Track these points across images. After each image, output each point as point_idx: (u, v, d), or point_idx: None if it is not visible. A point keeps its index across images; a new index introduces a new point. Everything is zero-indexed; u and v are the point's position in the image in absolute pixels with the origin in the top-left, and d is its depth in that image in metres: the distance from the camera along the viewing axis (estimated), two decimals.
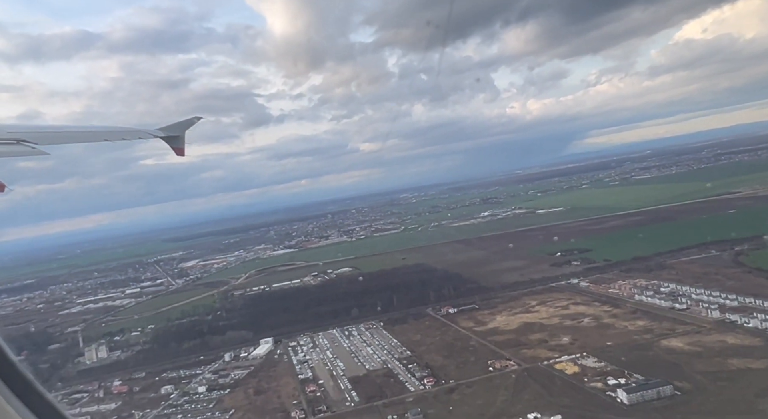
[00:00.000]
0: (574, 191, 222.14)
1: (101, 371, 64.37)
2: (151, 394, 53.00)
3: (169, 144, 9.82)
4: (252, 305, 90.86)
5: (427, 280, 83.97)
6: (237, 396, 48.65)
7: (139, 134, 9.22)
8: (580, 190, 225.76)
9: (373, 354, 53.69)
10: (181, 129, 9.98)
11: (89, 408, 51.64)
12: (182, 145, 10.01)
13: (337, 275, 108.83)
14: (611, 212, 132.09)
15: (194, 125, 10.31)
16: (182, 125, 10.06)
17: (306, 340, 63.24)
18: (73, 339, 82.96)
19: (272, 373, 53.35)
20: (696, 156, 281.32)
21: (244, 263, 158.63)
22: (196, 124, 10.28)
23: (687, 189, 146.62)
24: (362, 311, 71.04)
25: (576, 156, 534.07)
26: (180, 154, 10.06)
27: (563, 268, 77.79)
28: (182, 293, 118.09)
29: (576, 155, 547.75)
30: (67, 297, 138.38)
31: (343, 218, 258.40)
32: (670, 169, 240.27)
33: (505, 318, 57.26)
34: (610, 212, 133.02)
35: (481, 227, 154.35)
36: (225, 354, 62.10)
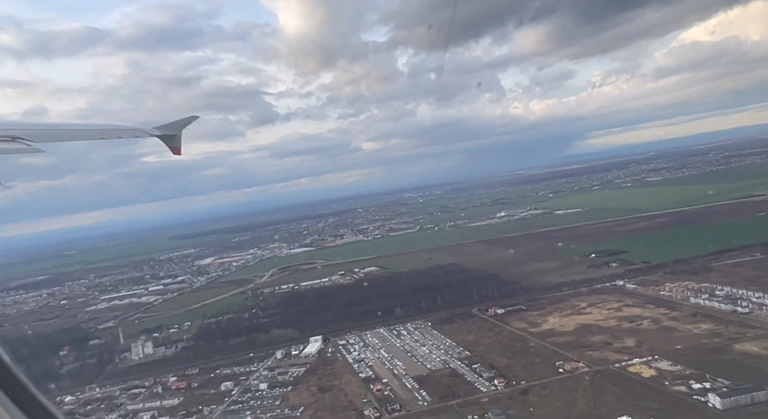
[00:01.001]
0: (587, 193, 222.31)
1: (151, 367, 64.70)
2: (211, 390, 53.39)
3: (165, 143, 9.76)
4: (287, 303, 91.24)
5: (463, 280, 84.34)
6: (301, 393, 49.06)
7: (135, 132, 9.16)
8: (592, 191, 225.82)
9: (430, 354, 54.11)
10: (177, 128, 9.93)
11: (152, 403, 52.01)
12: (179, 144, 9.96)
13: (366, 275, 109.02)
14: (633, 214, 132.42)
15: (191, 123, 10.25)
16: (179, 124, 10.02)
17: (355, 339, 63.65)
18: (112, 335, 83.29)
19: (330, 371, 53.78)
20: (703, 158, 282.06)
21: (262, 261, 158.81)
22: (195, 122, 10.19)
23: (705, 191, 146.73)
24: (406, 311, 71.45)
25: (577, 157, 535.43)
26: (176, 153, 9.99)
27: (602, 270, 78.14)
28: (208, 291, 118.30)
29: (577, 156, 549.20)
30: (88, 294, 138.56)
31: (352, 218, 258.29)
32: (680, 171, 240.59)
33: (558, 320, 57.67)
34: (632, 213, 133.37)
35: (500, 227, 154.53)
36: (275, 352, 62.44)
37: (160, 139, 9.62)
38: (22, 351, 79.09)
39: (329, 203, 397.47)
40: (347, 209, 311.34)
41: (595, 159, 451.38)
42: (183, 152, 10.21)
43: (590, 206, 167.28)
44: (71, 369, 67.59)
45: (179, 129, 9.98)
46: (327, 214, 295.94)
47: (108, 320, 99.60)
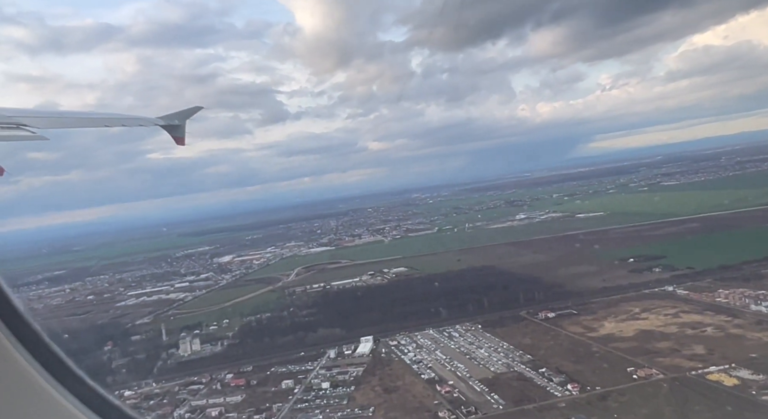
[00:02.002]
0: (603, 196, 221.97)
1: (201, 363, 64.93)
2: (272, 388, 53.64)
3: (169, 133, 9.69)
4: (324, 302, 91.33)
5: (503, 283, 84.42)
6: (366, 393, 49.33)
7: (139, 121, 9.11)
8: (608, 195, 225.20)
9: (489, 357, 54.29)
10: (182, 118, 9.86)
11: (215, 399, 52.31)
12: (183, 134, 9.87)
13: (397, 275, 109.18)
14: (659, 219, 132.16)
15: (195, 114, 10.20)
16: (183, 114, 9.94)
17: (406, 340, 63.84)
18: (154, 331, 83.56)
19: (390, 372, 54.02)
20: (715, 163, 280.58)
21: (283, 259, 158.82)
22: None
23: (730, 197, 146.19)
24: (451, 313, 71.61)
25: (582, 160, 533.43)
26: (180, 143, 9.92)
27: (645, 275, 78.07)
28: (237, 289, 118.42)
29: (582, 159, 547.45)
30: (112, 289, 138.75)
31: (364, 217, 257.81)
32: (695, 176, 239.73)
33: (614, 325, 57.73)
34: (658, 218, 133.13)
35: (523, 230, 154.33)
36: (327, 351, 62.71)
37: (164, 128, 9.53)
38: (69, 345, 79.74)
39: (335, 202, 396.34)
40: (355, 208, 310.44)
41: (601, 162, 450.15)
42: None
43: (611, 209, 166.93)
44: (122, 363, 67.86)
45: (183, 119, 9.88)
46: (336, 213, 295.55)
47: (142, 316, 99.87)
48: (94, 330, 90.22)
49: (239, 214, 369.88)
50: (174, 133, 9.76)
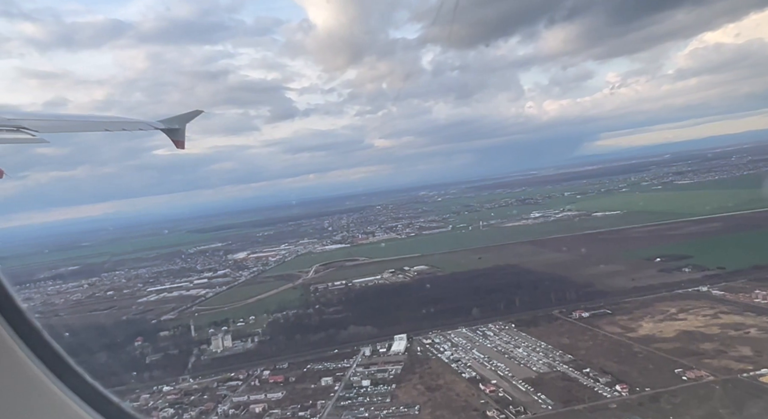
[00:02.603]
0: (616, 195, 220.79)
1: (234, 360, 65.16)
2: (311, 385, 53.80)
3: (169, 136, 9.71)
4: (349, 300, 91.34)
5: (530, 282, 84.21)
6: (409, 391, 49.41)
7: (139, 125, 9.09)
8: (621, 194, 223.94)
9: (529, 356, 54.22)
10: (182, 122, 9.89)
11: (256, 395, 52.53)
12: (182, 138, 9.89)
13: (418, 273, 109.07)
14: (679, 218, 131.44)
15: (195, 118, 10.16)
16: (183, 118, 9.99)
17: (440, 338, 63.84)
18: (182, 327, 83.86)
19: (429, 370, 54.05)
20: (727, 162, 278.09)
21: (298, 257, 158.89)
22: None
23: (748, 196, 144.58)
24: (482, 312, 71.50)
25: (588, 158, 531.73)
26: (180, 147, 9.92)
27: (675, 275, 77.68)
28: (257, 286, 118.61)
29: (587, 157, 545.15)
30: (130, 285, 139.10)
31: (374, 215, 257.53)
32: (708, 174, 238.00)
33: (653, 325, 57.47)
34: (677, 217, 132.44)
35: (540, 228, 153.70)
36: (360, 349, 62.90)
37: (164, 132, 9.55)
38: (100, 340, 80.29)
39: (341, 199, 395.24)
40: (363, 206, 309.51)
41: (608, 160, 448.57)
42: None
43: (628, 208, 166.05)
44: (155, 359, 68.26)
45: (183, 123, 9.92)
46: (344, 210, 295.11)
47: (166, 312, 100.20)
48: (121, 325, 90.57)
49: (245, 210, 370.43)
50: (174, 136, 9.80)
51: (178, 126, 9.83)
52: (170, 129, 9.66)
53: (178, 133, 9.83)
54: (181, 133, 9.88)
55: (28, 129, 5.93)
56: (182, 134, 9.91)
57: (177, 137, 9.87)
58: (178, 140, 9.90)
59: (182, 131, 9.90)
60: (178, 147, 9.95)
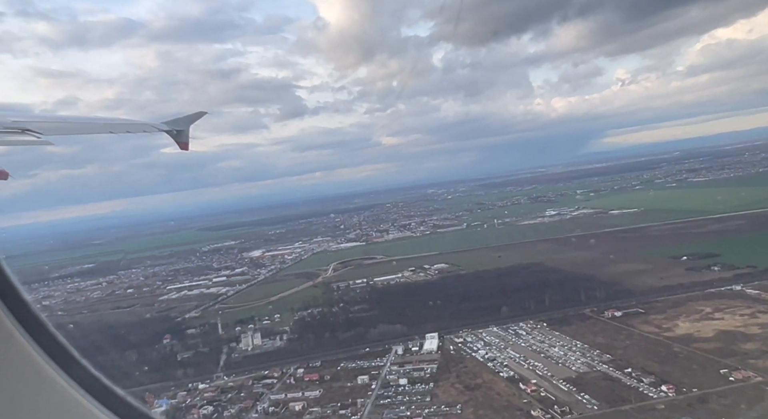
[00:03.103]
0: (630, 193, 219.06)
1: (267, 358, 65.40)
2: (348, 384, 54.01)
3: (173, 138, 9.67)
4: (373, 298, 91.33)
5: (556, 281, 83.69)
6: (447, 390, 49.40)
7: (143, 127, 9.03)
8: (635, 191, 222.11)
9: (565, 356, 54.03)
10: (186, 123, 9.85)
11: (293, 393, 52.80)
12: (186, 139, 9.86)
13: (439, 272, 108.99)
14: (699, 216, 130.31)
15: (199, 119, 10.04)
16: (187, 120, 9.96)
17: (472, 337, 63.79)
18: (208, 325, 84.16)
19: (465, 369, 54.00)
20: (739, 159, 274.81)
21: (314, 255, 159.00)
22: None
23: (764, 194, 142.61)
24: (511, 310, 71.31)
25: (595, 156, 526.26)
26: (184, 148, 9.88)
27: (705, 273, 77.04)
28: (277, 284, 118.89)
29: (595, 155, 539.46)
30: (149, 283, 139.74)
31: (385, 213, 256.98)
32: (722, 172, 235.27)
33: (689, 325, 57.04)
34: (697, 215, 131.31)
35: (557, 226, 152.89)
36: (392, 348, 62.95)
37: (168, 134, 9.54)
38: (128, 338, 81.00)
39: (349, 197, 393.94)
40: (373, 204, 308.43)
41: (617, 158, 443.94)
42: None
43: (645, 206, 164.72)
44: (186, 357, 68.69)
45: (187, 124, 9.91)
46: (354, 209, 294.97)
47: (189, 310, 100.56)
48: (147, 323, 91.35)
49: (252, 209, 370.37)
50: (178, 138, 9.79)
51: (182, 128, 9.81)
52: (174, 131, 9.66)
53: (182, 134, 9.82)
54: (185, 134, 9.87)
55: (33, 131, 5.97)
56: (186, 136, 9.90)
57: (181, 139, 9.86)
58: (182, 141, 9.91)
59: (186, 133, 9.88)
60: (182, 148, 9.94)
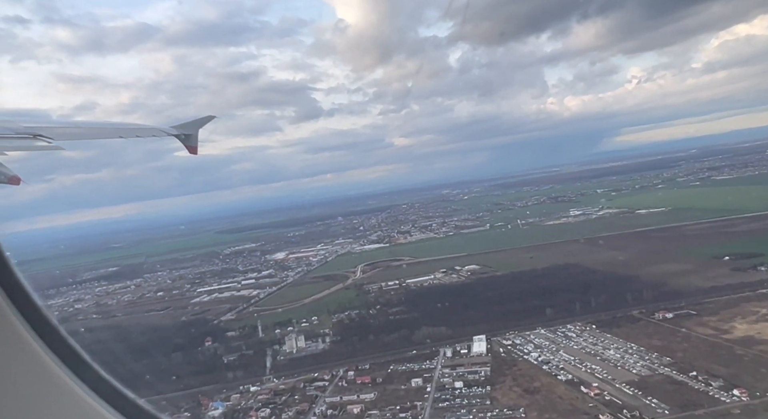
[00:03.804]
0: (652, 191, 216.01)
1: (313, 360, 65.32)
2: (401, 386, 53.86)
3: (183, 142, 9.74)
4: (409, 300, 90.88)
5: (596, 282, 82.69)
6: (506, 393, 48.98)
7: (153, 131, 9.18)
8: (658, 190, 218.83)
9: (623, 359, 53.26)
10: (194, 128, 9.94)
11: (348, 396, 52.76)
12: (195, 143, 9.92)
13: (471, 273, 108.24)
14: (732, 215, 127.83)
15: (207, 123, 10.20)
16: (196, 124, 10.06)
17: (520, 340, 63.26)
18: (248, 327, 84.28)
19: (519, 372, 53.50)
20: (762, 156, 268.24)
21: (339, 257, 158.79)
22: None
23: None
24: (556, 312, 70.58)
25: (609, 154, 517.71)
26: (193, 152, 9.95)
27: (751, 273, 75.54)
28: (307, 286, 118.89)
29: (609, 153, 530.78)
30: (177, 286, 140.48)
31: (404, 214, 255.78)
32: (746, 169, 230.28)
33: (747, 326, 55.91)
34: (730, 214, 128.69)
35: (584, 226, 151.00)
36: (440, 350, 62.70)
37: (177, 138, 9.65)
38: (170, 340, 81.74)
39: (362, 198, 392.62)
40: (388, 205, 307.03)
41: (631, 156, 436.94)
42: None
43: (672, 205, 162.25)
44: (231, 359, 69.13)
45: (196, 129, 10.01)
46: (370, 210, 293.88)
47: (223, 312, 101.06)
48: (184, 326, 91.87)
49: (265, 211, 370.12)
50: (187, 142, 9.89)
51: (191, 132, 9.92)
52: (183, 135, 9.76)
53: (191, 138, 9.93)
54: (194, 138, 9.96)
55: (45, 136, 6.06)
56: (195, 140, 9.99)
57: (190, 143, 9.95)
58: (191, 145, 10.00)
59: (195, 137, 9.98)
60: (191, 153, 10.08)
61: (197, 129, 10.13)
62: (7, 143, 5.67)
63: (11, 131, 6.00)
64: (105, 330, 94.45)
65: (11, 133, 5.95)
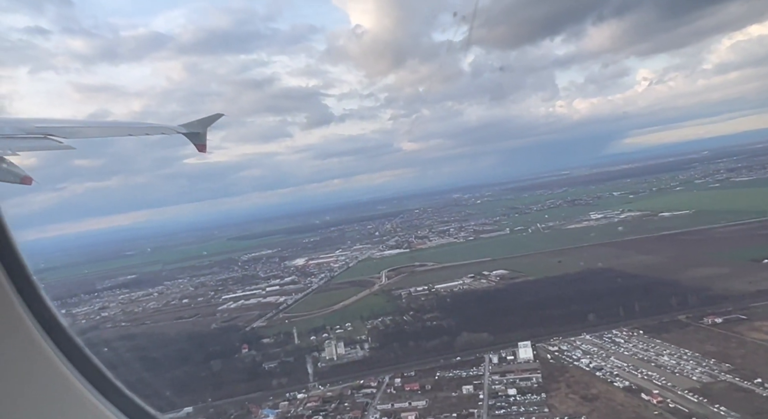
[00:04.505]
0: (672, 194, 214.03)
1: (356, 367, 64.87)
2: (452, 393, 53.30)
3: (191, 141, 9.73)
4: (442, 306, 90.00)
5: (634, 286, 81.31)
6: (563, 401, 48.19)
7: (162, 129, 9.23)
8: (677, 192, 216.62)
9: (679, 365, 52.28)
10: (203, 126, 9.93)
11: (400, 404, 52.24)
12: (204, 141, 9.93)
13: (501, 278, 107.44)
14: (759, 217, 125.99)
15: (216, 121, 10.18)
16: (205, 122, 10.05)
17: (566, 345, 62.45)
18: (283, 334, 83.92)
19: (573, 379, 52.67)
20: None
21: (360, 262, 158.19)
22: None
23: None
24: (599, 318, 69.67)
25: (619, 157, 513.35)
26: (202, 150, 9.98)
27: None
28: (334, 293, 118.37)
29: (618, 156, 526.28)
30: (200, 293, 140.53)
31: (417, 219, 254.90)
32: (766, 171, 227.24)
33: None
34: (759, 216, 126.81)
35: (607, 230, 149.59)
36: (484, 356, 62.07)
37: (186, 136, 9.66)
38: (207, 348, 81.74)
39: (372, 204, 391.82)
40: (400, 210, 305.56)
41: (642, 159, 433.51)
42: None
43: (695, 208, 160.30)
44: (272, 366, 68.94)
45: (205, 127, 10.02)
46: (382, 215, 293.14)
47: (253, 319, 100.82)
48: (217, 333, 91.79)
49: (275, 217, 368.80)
50: (196, 140, 9.91)
51: (200, 130, 9.94)
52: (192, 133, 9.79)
53: (199, 137, 9.94)
54: (202, 137, 9.99)
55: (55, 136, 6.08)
56: (204, 138, 10.03)
57: (199, 141, 9.99)
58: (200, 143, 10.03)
59: (203, 135, 10.01)
60: (200, 151, 10.10)
61: (206, 127, 10.15)
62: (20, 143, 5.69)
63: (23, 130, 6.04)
64: (137, 337, 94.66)
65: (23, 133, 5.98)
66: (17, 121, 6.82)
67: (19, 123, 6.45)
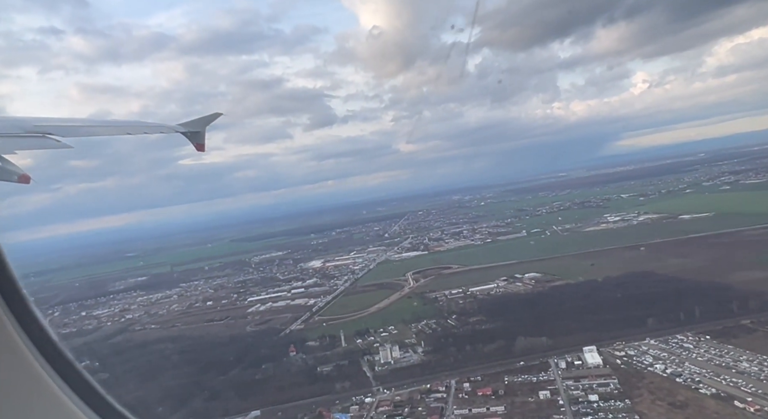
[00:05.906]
0: (683, 196, 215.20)
1: (417, 370, 63.60)
2: (528, 398, 52.31)
3: (189, 139, 9.70)
4: (485, 310, 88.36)
5: (684, 290, 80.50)
6: (652, 408, 47.13)
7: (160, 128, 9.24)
8: (688, 195, 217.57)
9: (762, 372, 51.51)
10: (201, 125, 9.92)
11: (477, 409, 50.87)
12: (202, 140, 9.92)
13: (536, 281, 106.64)
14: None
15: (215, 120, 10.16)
16: (203, 121, 10.04)
17: (633, 350, 61.54)
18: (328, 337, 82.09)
19: (653, 385, 51.75)
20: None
21: (380, 264, 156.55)
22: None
23: None
24: (659, 322, 68.88)
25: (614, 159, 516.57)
26: (200, 149, 9.96)
27: None
28: (363, 295, 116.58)
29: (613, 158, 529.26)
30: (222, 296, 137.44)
31: (424, 221, 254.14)
32: None
33: None
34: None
35: (630, 232, 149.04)
36: (550, 361, 61.03)
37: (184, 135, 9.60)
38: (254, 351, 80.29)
39: (369, 205, 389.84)
40: (401, 212, 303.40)
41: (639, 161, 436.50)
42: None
43: (715, 210, 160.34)
44: (328, 370, 67.49)
45: (203, 126, 9.98)
46: (383, 217, 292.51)
47: (289, 322, 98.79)
48: (257, 335, 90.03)
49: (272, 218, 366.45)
50: (194, 139, 9.86)
51: (198, 129, 9.87)
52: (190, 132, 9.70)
53: (198, 136, 9.86)
54: (201, 136, 9.91)
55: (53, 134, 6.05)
56: (202, 137, 9.95)
57: (197, 140, 9.91)
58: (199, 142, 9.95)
59: (202, 134, 9.93)
60: (199, 150, 10.03)
61: (204, 126, 10.01)
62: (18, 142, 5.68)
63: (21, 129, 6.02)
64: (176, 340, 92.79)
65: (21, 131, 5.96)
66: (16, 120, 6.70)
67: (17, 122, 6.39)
